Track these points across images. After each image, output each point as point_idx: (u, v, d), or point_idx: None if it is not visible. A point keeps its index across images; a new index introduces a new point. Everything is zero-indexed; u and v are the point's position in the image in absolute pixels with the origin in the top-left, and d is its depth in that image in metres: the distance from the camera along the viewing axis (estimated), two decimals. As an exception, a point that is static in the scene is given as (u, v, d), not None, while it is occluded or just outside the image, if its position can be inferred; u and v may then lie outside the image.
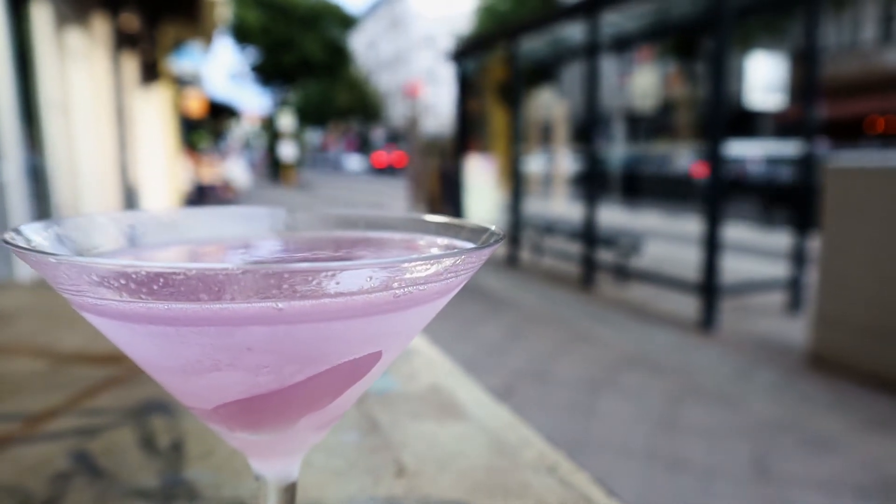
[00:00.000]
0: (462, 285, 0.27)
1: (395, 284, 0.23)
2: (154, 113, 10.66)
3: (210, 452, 0.56)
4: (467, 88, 9.42)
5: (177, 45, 12.49)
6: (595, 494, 0.46)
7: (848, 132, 21.57)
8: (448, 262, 0.24)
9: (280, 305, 0.21)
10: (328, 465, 0.53)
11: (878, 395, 3.26)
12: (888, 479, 2.46)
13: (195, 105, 15.27)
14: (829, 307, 3.72)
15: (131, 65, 8.22)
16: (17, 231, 0.28)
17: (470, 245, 0.31)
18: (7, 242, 0.25)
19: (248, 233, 0.39)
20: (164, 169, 11.45)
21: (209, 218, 0.39)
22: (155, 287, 0.21)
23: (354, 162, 47.44)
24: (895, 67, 21.11)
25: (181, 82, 14.91)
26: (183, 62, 13.94)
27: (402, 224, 0.37)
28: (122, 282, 0.22)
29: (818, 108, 4.97)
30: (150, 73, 9.98)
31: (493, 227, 0.30)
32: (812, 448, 2.73)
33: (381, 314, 0.24)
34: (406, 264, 0.23)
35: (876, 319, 3.46)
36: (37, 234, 0.29)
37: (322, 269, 0.21)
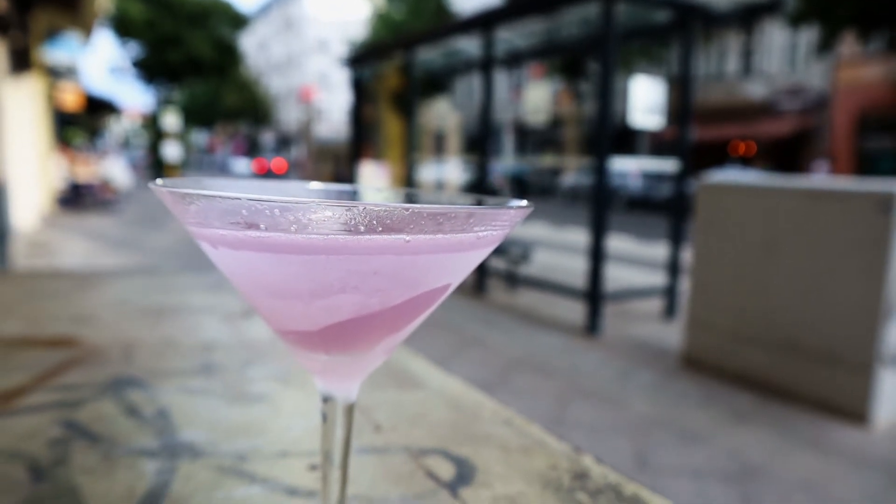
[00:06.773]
0: (501, 240, 0.34)
1: (481, 227, 0.30)
2: (24, 105, 9.94)
3: (195, 418, 0.61)
4: (362, 95, 9.45)
5: (51, 33, 11.70)
6: (549, 440, 0.56)
7: (714, 154, 23.48)
8: (513, 212, 0.32)
9: (408, 238, 0.28)
10: (312, 425, 0.60)
11: (740, 391, 3.62)
12: (747, 466, 2.75)
13: (71, 99, 14.30)
14: (699, 313, 4.07)
15: None
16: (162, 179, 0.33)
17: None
18: (164, 189, 0.29)
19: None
20: (34, 165, 10.69)
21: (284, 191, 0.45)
22: (324, 220, 0.27)
23: (242, 165, 46.03)
24: (754, 97, 23.18)
25: (55, 74, 13.94)
26: (58, 53, 13.06)
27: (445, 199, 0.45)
28: (301, 214, 0.26)
29: (691, 130, 5.42)
30: (22, 62, 9.29)
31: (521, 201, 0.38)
32: (684, 441, 3.00)
33: (465, 251, 0.31)
34: (494, 210, 0.30)
35: (737, 324, 3.84)
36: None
37: (448, 211, 0.28)
